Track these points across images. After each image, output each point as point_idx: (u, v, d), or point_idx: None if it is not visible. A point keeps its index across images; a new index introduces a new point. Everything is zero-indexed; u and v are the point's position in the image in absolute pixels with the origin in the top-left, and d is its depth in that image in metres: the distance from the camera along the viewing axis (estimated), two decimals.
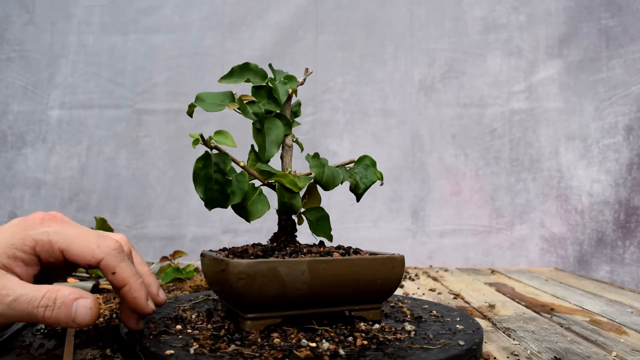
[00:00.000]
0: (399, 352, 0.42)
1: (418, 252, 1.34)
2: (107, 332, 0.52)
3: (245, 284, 0.44)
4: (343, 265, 0.48)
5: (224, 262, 0.45)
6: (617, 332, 0.58)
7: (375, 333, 0.47)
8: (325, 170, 0.53)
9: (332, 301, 0.49)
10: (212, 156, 0.49)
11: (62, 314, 0.39)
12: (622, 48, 1.28)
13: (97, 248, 0.41)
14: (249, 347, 0.41)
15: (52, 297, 0.39)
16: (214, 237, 1.36)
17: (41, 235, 0.41)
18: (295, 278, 0.45)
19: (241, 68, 0.53)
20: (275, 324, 0.47)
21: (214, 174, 0.48)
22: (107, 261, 0.42)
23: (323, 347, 0.41)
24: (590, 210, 1.29)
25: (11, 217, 1.39)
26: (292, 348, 0.41)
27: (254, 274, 0.44)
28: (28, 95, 1.39)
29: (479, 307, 0.72)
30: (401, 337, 0.46)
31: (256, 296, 0.45)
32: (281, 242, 0.54)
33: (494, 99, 1.35)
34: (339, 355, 0.40)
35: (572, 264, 1.29)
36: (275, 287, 0.45)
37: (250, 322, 0.46)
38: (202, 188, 0.48)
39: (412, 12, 1.37)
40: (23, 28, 1.39)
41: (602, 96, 1.29)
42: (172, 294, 0.75)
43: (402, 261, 0.51)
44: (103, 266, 0.42)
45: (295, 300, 0.46)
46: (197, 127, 1.35)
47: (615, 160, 1.27)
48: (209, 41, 1.38)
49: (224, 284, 0.46)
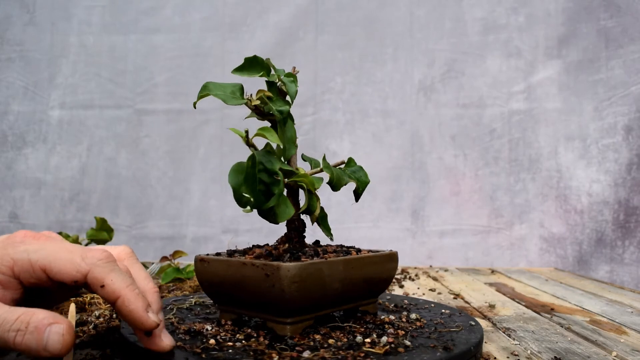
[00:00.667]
0: (442, 337, 0.46)
1: (418, 252, 1.34)
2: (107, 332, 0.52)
3: (298, 287, 0.43)
4: (364, 263, 0.50)
5: (271, 267, 0.43)
6: (617, 332, 0.58)
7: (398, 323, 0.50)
8: (334, 171, 0.53)
9: (353, 297, 0.51)
10: (257, 155, 0.46)
11: (33, 340, 0.35)
12: (621, 48, 1.28)
13: (81, 261, 0.37)
14: (316, 350, 0.41)
15: (25, 320, 0.35)
16: (214, 237, 1.36)
17: (20, 254, 0.37)
18: (333, 278, 0.46)
19: (251, 61, 0.50)
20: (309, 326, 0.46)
21: (259, 174, 0.45)
22: (94, 273, 0.37)
23: (383, 340, 0.43)
24: (589, 210, 1.29)
25: (11, 217, 1.39)
26: (353, 346, 0.42)
27: (306, 276, 0.43)
28: (28, 96, 1.39)
29: (479, 307, 0.72)
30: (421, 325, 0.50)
31: (304, 299, 0.44)
32: (295, 243, 0.53)
33: (494, 99, 1.35)
34: (406, 345, 0.43)
35: (571, 264, 1.29)
36: (319, 287, 0.45)
37: (290, 326, 0.45)
38: (250, 189, 0.45)
39: (412, 12, 1.37)
40: (23, 28, 1.39)
41: (602, 96, 1.29)
42: (172, 294, 0.75)
43: (397, 257, 0.56)
44: (90, 279, 0.37)
45: (329, 299, 0.47)
46: (197, 127, 1.35)
47: (615, 161, 1.28)
48: (209, 41, 1.38)
49: (267, 289, 0.43)
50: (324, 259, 0.46)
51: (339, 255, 0.49)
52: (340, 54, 1.38)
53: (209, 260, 0.49)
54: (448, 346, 0.42)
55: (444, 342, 0.44)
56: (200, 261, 0.50)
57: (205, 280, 0.49)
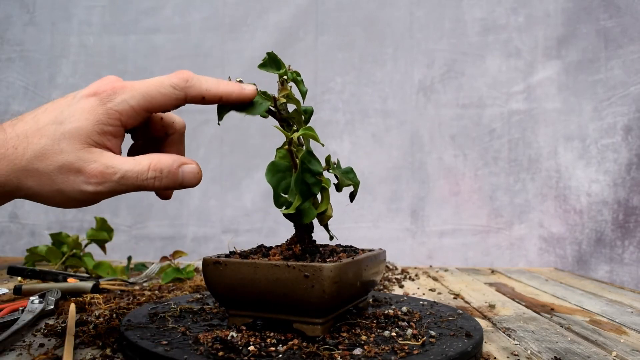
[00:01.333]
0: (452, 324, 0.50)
1: (417, 251, 1.34)
2: (107, 332, 0.52)
3: (338, 287, 0.43)
4: (374, 262, 0.53)
5: (312, 268, 0.42)
6: (617, 332, 0.58)
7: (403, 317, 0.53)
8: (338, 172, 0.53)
9: (359, 296, 0.53)
10: (301, 155, 0.46)
11: (170, 182, 0.42)
12: (620, 49, 1.28)
13: (174, 90, 0.43)
14: (355, 347, 0.42)
15: (156, 168, 0.42)
16: (214, 237, 1.36)
17: (122, 105, 0.42)
18: (358, 276, 0.48)
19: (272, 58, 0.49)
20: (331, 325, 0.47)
21: (303, 174, 0.45)
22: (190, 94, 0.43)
23: (408, 333, 0.46)
24: (588, 210, 1.29)
25: (12, 217, 1.39)
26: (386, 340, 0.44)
27: (343, 276, 0.44)
28: (29, 96, 1.39)
29: (479, 307, 0.72)
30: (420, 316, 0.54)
31: (339, 298, 0.45)
32: (308, 244, 0.52)
33: (493, 99, 1.35)
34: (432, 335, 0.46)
35: (570, 264, 1.29)
36: (349, 287, 0.46)
37: (322, 327, 0.44)
38: (298, 189, 0.45)
39: (412, 13, 1.37)
40: (24, 28, 1.40)
41: (601, 97, 1.30)
42: (172, 294, 0.75)
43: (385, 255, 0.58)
44: (190, 99, 0.43)
45: (350, 298, 0.49)
46: (197, 127, 1.35)
47: (614, 161, 1.28)
48: (209, 42, 1.38)
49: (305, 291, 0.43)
50: (351, 259, 0.47)
51: (350, 255, 0.50)
52: (340, 54, 1.38)
53: (226, 263, 0.46)
54: (469, 333, 0.45)
55: (457, 329, 0.47)
56: (214, 264, 0.46)
57: (219, 284, 0.46)
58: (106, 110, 0.41)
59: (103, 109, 0.41)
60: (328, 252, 0.50)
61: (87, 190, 0.40)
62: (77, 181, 0.40)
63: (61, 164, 0.40)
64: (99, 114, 0.41)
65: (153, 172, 0.42)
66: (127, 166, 0.41)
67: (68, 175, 0.40)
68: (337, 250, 0.53)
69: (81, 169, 0.40)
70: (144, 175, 0.41)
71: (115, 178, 0.40)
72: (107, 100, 0.41)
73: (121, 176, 0.41)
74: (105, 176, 0.40)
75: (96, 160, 0.40)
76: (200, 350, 0.41)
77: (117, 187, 0.41)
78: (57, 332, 0.53)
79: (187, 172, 0.43)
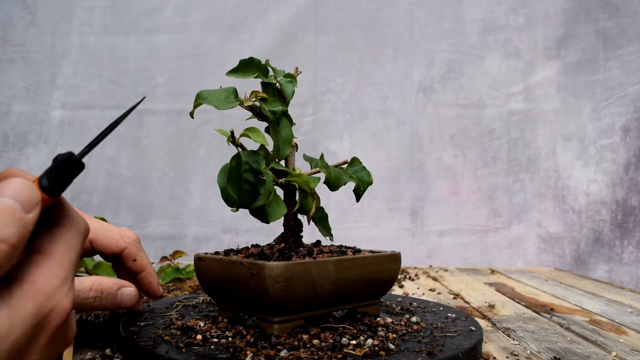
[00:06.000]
0: (435, 341, 0.44)
1: (417, 251, 1.34)
2: (107, 332, 0.52)
3: (282, 287, 0.43)
4: (360, 264, 0.49)
5: (256, 266, 0.43)
6: (616, 332, 0.59)
7: (393, 326, 0.49)
8: (332, 171, 0.53)
9: (349, 298, 0.50)
10: (243, 155, 0.47)
11: (109, 303, 0.46)
12: (619, 49, 1.28)
13: (120, 239, 0.49)
14: (296, 349, 0.41)
15: (99, 289, 0.45)
16: (214, 236, 1.36)
17: None
18: (324, 278, 0.46)
19: (247, 63, 0.51)
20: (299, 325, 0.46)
21: (244, 174, 0.46)
22: (130, 250, 0.49)
23: (368, 343, 0.43)
24: (587, 210, 1.29)
25: None
26: (336, 347, 0.42)
27: (291, 276, 0.43)
28: (30, 96, 1.39)
29: (479, 307, 0.72)
30: (418, 328, 0.49)
31: (290, 299, 0.44)
32: (291, 243, 0.53)
33: (493, 99, 1.35)
34: (389, 348, 0.42)
35: (569, 264, 1.30)
36: (308, 288, 0.45)
37: (278, 325, 0.45)
38: (235, 188, 0.46)
39: (412, 13, 1.37)
40: (25, 29, 1.40)
41: (599, 97, 1.30)
42: (172, 294, 0.75)
43: (400, 258, 0.54)
44: (125, 254, 0.49)
45: (321, 300, 0.47)
46: (197, 127, 1.35)
47: (612, 161, 1.28)
48: (209, 42, 1.38)
49: (254, 288, 0.44)
50: (312, 259, 0.46)
51: (333, 255, 0.49)
52: (340, 55, 1.38)
53: (205, 259, 0.50)
54: (433, 351, 0.42)
55: (433, 347, 0.43)
56: (197, 260, 0.51)
57: (202, 278, 0.51)
58: None
59: None
60: (305, 252, 0.49)
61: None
62: None
63: None
64: None
65: (94, 292, 0.45)
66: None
67: None
68: (325, 250, 0.51)
69: None
70: (85, 294, 0.45)
71: None
72: None
73: None
74: None
75: None
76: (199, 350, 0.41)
77: None
78: None
79: (125, 294, 0.47)
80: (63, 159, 0.25)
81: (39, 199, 0.24)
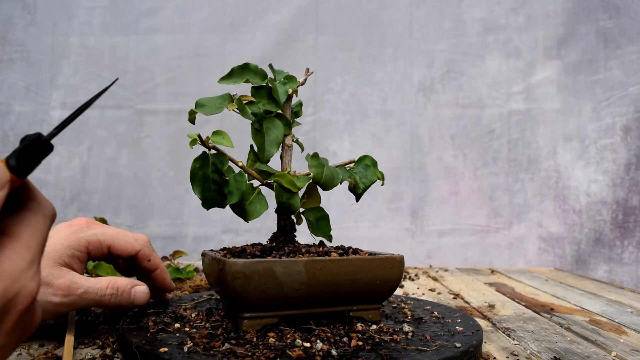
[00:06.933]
0: (393, 354, 0.41)
1: (417, 251, 1.34)
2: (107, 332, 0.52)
3: (241, 283, 0.44)
4: (340, 266, 0.47)
5: (221, 262, 0.45)
6: (616, 332, 0.58)
7: (372, 334, 0.47)
8: (325, 170, 0.53)
9: (331, 301, 0.49)
10: (210, 156, 0.50)
11: (124, 300, 0.50)
12: (619, 49, 1.28)
13: (135, 242, 0.54)
14: (243, 346, 0.42)
15: (114, 287, 0.50)
16: (214, 236, 1.36)
17: (91, 236, 0.51)
18: (292, 278, 0.46)
19: (241, 68, 0.54)
20: (273, 324, 0.47)
21: (211, 174, 0.49)
22: (144, 251, 0.54)
23: (317, 347, 0.42)
24: (587, 210, 1.29)
25: None
26: (286, 348, 0.41)
27: (250, 273, 0.44)
28: (30, 96, 1.39)
29: (479, 307, 0.72)
30: (398, 338, 0.45)
31: (252, 296, 0.45)
32: (280, 242, 0.54)
33: (493, 99, 1.35)
34: (332, 355, 0.40)
35: (569, 264, 1.29)
36: (272, 286, 0.45)
37: (247, 321, 0.46)
38: (199, 188, 0.49)
39: (412, 13, 1.37)
40: (25, 29, 1.40)
41: (600, 97, 1.30)
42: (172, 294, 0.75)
43: (401, 261, 0.50)
44: (141, 255, 0.54)
45: (292, 300, 0.47)
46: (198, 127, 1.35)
47: (613, 161, 1.28)
48: (209, 42, 1.38)
49: (222, 283, 0.46)
50: (276, 259, 0.46)
51: (313, 256, 0.48)
52: (340, 55, 1.38)
53: (205, 254, 0.53)
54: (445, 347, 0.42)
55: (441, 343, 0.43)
56: (201, 256, 0.54)
57: (205, 272, 0.54)
58: (78, 239, 0.50)
59: (75, 237, 0.50)
60: (287, 251, 0.49)
61: (53, 301, 0.47)
62: (46, 293, 0.46)
63: None
64: (71, 240, 0.50)
65: (111, 290, 0.49)
66: (90, 283, 0.48)
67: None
68: (312, 251, 0.51)
69: (50, 282, 0.47)
70: (102, 292, 0.49)
71: (78, 292, 0.47)
72: (80, 231, 0.51)
73: (84, 291, 0.48)
74: (70, 290, 0.47)
75: (64, 276, 0.47)
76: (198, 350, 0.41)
77: (79, 301, 0.48)
78: (57, 332, 0.53)
79: (138, 292, 0.52)
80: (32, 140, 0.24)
81: (8, 179, 0.23)
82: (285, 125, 0.54)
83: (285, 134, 0.55)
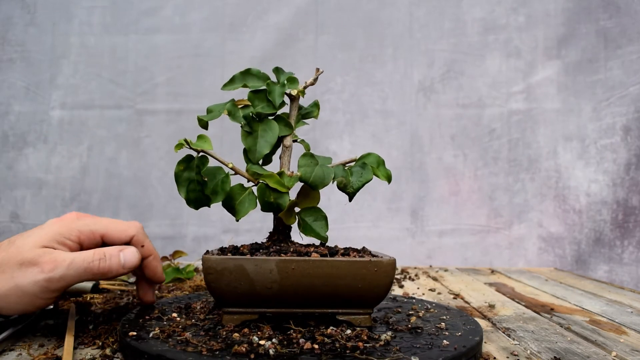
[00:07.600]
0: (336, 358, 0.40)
1: (417, 251, 1.34)
2: (107, 332, 0.52)
3: (214, 278, 0.47)
4: (315, 266, 0.46)
5: (204, 258, 0.48)
6: (616, 332, 0.58)
7: (337, 338, 0.44)
8: (315, 170, 0.53)
9: (309, 302, 0.48)
10: (196, 159, 0.52)
11: (114, 264, 0.49)
12: (620, 49, 1.28)
13: (128, 228, 0.53)
14: (215, 338, 0.44)
15: (100, 252, 0.49)
16: (214, 237, 1.36)
17: (83, 226, 0.51)
18: (263, 276, 0.46)
19: (242, 74, 0.56)
20: (252, 320, 0.48)
21: (195, 176, 0.51)
22: (138, 237, 0.54)
23: (265, 346, 0.41)
24: (588, 210, 1.29)
25: (12, 217, 1.39)
26: (241, 343, 0.42)
27: (221, 269, 0.46)
28: (29, 96, 1.39)
29: (479, 307, 0.72)
30: (361, 346, 0.42)
31: (225, 292, 0.47)
32: (273, 241, 0.54)
33: (493, 99, 1.35)
34: (268, 354, 0.40)
35: (570, 264, 1.30)
36: (244, 283, 0.47)
37: (226, 316, 0.48)
38: (184, 189, 0.52)
39: (412, 13, 1.37)
40: (24, 29, 1.40)
41: (600, 97, 1.30)
42: (172, 294, 0.75)
43: (389, 265, 0.47)
44: (135, 241, 0.53)
45: (267, 298, 0.47)
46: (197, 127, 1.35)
47: (613, 161, 1.28)
48: (209, 42, 1.38)
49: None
50: (249, 257, 0.47)
51: (292, 255, 0.48)
52: (340, 55, 1.38)
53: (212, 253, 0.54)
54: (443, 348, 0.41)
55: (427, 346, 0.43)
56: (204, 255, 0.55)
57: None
58: (70, 228, 0.50)
59: (67, 227, 0.50)
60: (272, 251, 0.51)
61: (39, 279, 0.46)
62: (33, 272, 0.46)
63: (21, 261, 0.46)
64: (62, 227, 0.50)
65: (97, 255, 0.49)
66: (76, 255, 0.48)
67: (26, 269, 0.46)
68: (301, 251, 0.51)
69: (36, 261, 0.47)
70: (89, 258, 0.48)
71: (65, 264, 0.47)
72: (71, 222, 0.51)
73: (70, 261, 0.47)
74: (57, 263, 0.47)
75: (50, 253, 0.47)
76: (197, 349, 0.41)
77: (67, 272, 0.47)
78: (57, 332, 0.53)
79: (127, 254, 0.51)
80: None
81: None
82: (285, 126, 0.54)
83: (285, 135, 0.55)
